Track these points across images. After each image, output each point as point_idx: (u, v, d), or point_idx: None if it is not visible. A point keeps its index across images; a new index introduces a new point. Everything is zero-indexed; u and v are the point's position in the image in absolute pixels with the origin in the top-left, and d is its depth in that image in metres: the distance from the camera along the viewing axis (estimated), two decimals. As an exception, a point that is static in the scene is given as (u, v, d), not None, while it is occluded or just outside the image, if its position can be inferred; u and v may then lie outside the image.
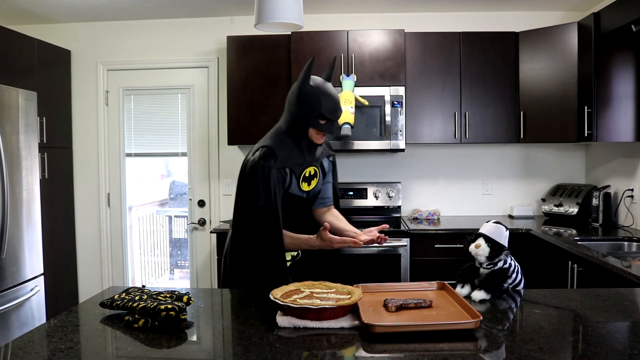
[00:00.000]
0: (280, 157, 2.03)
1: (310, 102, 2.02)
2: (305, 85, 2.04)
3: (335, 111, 2.06)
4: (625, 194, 3.45)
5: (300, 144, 2.09)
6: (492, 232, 1.73)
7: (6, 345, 1.33)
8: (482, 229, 1.76)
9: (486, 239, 1.72)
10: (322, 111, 2.02)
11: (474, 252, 1.73)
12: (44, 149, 3.70)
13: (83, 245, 4.29)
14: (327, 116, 2.03)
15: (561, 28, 3.52)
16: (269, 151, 2.03)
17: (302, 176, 2.11)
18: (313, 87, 2.03)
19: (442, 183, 4.15)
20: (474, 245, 1.73)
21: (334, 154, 2.33)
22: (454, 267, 1.91)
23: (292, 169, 2.07)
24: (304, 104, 2.03)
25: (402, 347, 1.28)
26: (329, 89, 2.06)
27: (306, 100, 2.03)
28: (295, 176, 2.09)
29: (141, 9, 3.91)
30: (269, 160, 2.00)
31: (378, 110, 3.65)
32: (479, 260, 1.73)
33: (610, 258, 2.47)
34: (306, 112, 2.03)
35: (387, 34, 3.68)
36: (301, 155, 2.10)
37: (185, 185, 4.33)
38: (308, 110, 2.03)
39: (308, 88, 2.03)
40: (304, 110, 2.03)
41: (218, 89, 4.16)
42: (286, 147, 2.07)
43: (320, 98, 2.02)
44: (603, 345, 1.28)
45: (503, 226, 1.76)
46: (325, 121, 2.05)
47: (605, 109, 3.25)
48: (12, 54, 3.46)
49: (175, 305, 1.44)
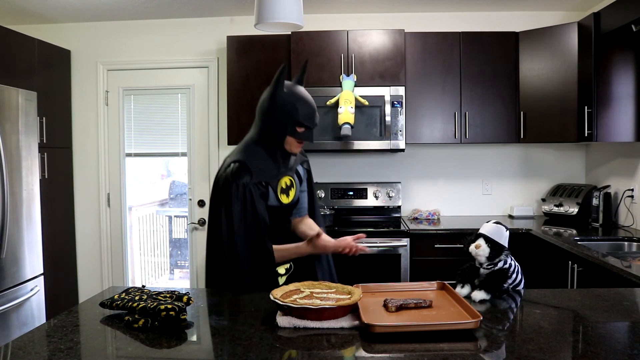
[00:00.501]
0: (254, 171, 1.91)
1: (285, 109, 1.92)
2: (278, 92, 1.93)
3: (313, 117, 1.96)
4: (626, 194, 3.45)
5: (275, 154, 1.98)
6: (492, 232, 1.73)
7: (6, 345, 1.33)
8: (482, 229, 1.76)
9: (486, 240, 1.72)
10: (299, 118, 1.92)
11: (474, 253, 1.72)
12: (44, 149, 3.70)
13: (83, 246, 4.29)
14: (304, 123, 1.93)
15: (561, 28, 3.52)
16: (241, 166, 1.90)
17: (279, 188, 2.00)
18: (287, 94, 1.93)
19: (442, 183, 4.15)
20: (474, 245, 1.73)
21: (307, 159, 2.22)
22: (454, 267, 1.91)
23: (269, 182, 1.96)
24: (278, 111, 1.92)
25: (402, 347, 1.28)
26: (303, 94, 1.96)
27: (281, 107, 1.92)
28: (272, 189, 1.97)
29: (141, 9, 3.91)
30: (244, 177, 1.88)
31: (378, 110, 3.65)
32: (479, 260, 1.73)
33: (610, 258, 2.47)
34: (282, 120, 1.92)
35: (387, 34, 3.68)
36: (276, 167, 1.99)
37: (185, 185, 4.33)
38: (284, 118, 1.92)
39: (282, 94, 1.93)
40: (279, 118, 1.93)
41: (218, 89, 4.16)
42: (259, 159, 1.95)
43: (296, 104, 1.92)
44: (603, 345, 1.28)
45: (503, 226, 1.76)
46: (304, 129, 1.95)
47: (605, 109, 3.25)
48: (12, 54, 3.46)
49: (175, 305, 1.44)
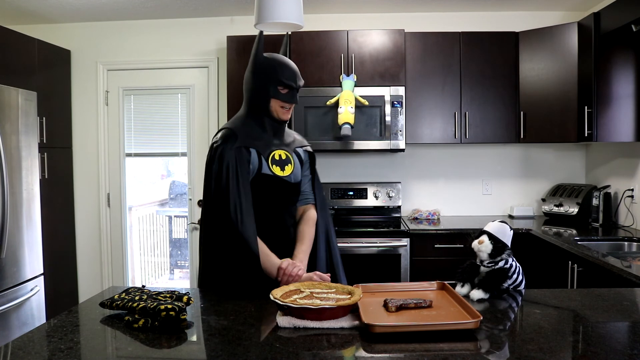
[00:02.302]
0: (241, 136, 1.93)
1: (266, 71, 1.94)
2: (259, 58, 1.96)
3: (295, 77, 1.96)
4: (626, 194, 3.45)
5: (263, 123, 1.99)
6: (497, 230, 1.73)
7: (6, 345, 1.33)
8: (486, 227, 1.76)
9: (490, 237, 1.72)
10: (279, 77, 1.93)
11: (477, 248, 1.72)
12: (44, 149, 3.70)
13: (83, 246, 4.29)
14: (286, 82, 1.94)
15: (561, 28, 3.52)
16: (228, 132, 1.94)
17: (271, 158, 1.98)
18: (267, 58, 1.96)
19: (442, 183, 4.15)
20: (477, 241, 1.73)
21: (309, 145, 2.19)
22: (454, 267, 1.91)
23: (258, 150, 1.95)
24: (260, 75, 1.95)
25: (402, 347, 1.28)
26: (283, 58, 1.99)
27: (262, 71, 1.94)
28: (264, 157, 1.96)
29: (141, 9, 3.91)
30: (228, 141, 1.91)
31: (378, 110, 3.65)
32: (481, 257, 1.73)
33: (610, 258, 2.46)
34: (264, 82, 1.94)
35: (387, 34, 3.68)
36: (267, 137, 2.00)
37: (185, 185, 4.33)
38: (266, 80, 1.94)
39: (262, 59, 1.96)
40: (261, 81, 1.95)
41: (218, 89, 4.16)
42: (248, 128, 1.97)
43: (276, 67, 1.94)
44: (603, 345, 1.28)
45: (508, 226, 1.76)
46: (287, 90, 1.96)
47: (605, 109, 3.25)
48: (12, 54, 3.46)
49: (175, 305, 1.43)
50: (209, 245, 1.94)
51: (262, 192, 1.96)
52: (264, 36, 1.97)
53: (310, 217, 2.11)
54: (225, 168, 1.86)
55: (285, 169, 2.01)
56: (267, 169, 1.96)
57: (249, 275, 1.83)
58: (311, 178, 2.17)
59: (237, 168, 1.87)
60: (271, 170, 1.97)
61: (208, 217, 1.94)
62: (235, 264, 1.85)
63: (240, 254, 1.84)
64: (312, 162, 2.17)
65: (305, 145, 2.16)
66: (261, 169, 1.95)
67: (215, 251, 1.91)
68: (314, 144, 3.56)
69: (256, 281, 1.83)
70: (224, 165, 1.87)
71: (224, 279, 1.89)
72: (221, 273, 1.90)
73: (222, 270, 1.89)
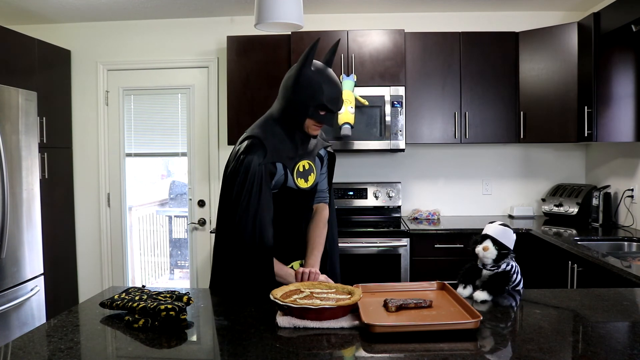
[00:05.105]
0: (270, 150, 1.82)
1: (310, 89, 1.80)
2: (306, 70, 1.81)
3: (337, 101, 1.85)
4: (625, 194, 3.45)
5: (294, 135, 1.89)
6: (500, 235, 1.71)
7: (6, 345, 1.33)
8: (488, 231, 1.73)
9: (494, 242, 1.70)
10: (323, 101, 1.81)
11: (482, 255, 1.71)
12: (44, 149, 3.70)
13: (83, 246, 4.29)
14: (328, 107, 1.82)
15: (561, 28, 3.52)
16: (255, 142, 1.82)
17: (296, 171, 1.92)
18: (314, 72, 1.81)
19: (442, 183, 4.15)
20: (482, 247, 1.71)
21: (329, 144, 2.12)
22: (454, 267, 1.91)
23: (284, 164, 1.87)
24: (303, 90, 1.81)
25: (402, 347, 1.28)
26: (331, 76, 1.85)
27: (306, 86, 1.80)
28: (289, 170, 1.90)
29: (141, 9, 3.91)
30: (256, 153, 1.80)
31: (378, 110, 3.65)
32: (485, 262, 1.72)
33: (610, 258, 2.46)
34: (305, 100, 1.81)
35: (387, 34, 3.68)
36: (293, 148, 1.90)
37: (185, 185, 4.33)
38: (307, 98, 1.81)
39: (309, 73, 1.81)
40: (302, 98, 1.82)
41: (218, 89, 4.16)
42: (277, 138, 1.86)
43: (322, 85, 1.80)
44: (603, 345, 1.28)
45: (510, 229, 1.74)
46: (326, 112, 1.85)
47: (605, 109, 3.25)
48: (12, 54, 3.46)
49: (175, 305, 1.43)
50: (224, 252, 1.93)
51: (283, 202, 1.94)
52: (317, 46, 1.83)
53: (323, 217, 2.10)
54: (250, 183, 1.79)
55: (309, 179, 1.98)
56: (292, 182, 1.93)
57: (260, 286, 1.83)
58: (328, 175, 2.16)
59: (261, 185, 1.81)
60: (296, 183, 1.94)
61: (226, 226, 1.89)
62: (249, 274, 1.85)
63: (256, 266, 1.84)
64: (332, 161, 2.15)
65: (327, 145, 2.11)
66: (286, 182, 1.91)
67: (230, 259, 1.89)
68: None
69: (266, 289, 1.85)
70: (248, 181, 1.79)
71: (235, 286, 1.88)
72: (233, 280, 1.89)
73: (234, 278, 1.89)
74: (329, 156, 2.14)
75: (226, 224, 1.88)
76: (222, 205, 1.92)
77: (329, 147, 2.12)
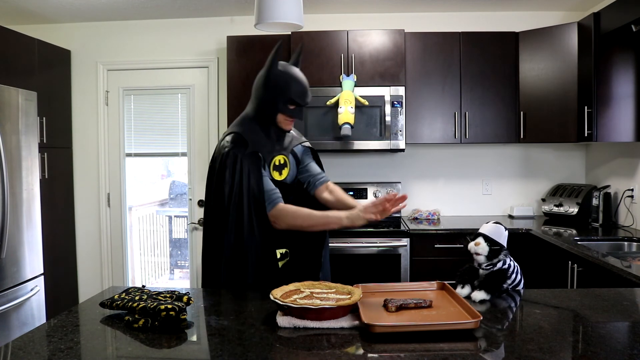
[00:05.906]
0: (250, 142, 1.97)
1: (278, 86, 1.98)
2: (273, 70, 1.99)
3: (305, 95, 2.02)
4: (625, 194, 3.45)
5: (269, 131, 2.05)
6: (492, 231, 1.74)
7: (6, 345, 1.33)
8: (481, 229, 1.77)
9: (485, 239, 1.73)
10: (291, 95, 1.98)
11: (474, 250, 1.73)
12: (44, 149, 3.70)
13: (83, 245, 4.29)
14: (296, 101, 1.99)
15: (561, 28, 3.52)
16: (237, 137, 1.97)
17: (273, 164, 2.06)
18: (281, 72, 1.99)
19: (442, 183, 4.15)
20: (474, 243, 1.73)
21: (305, 140, 2.26)
22: (454, 267, 1.91)
23: (263, 157, 2.01)
24: (272, 88, 1.99)
25: (402, 347, 1.28)
26: (297, 74, 2.02)
27: (274, 85, 1.99)
28: (267, 164, 2.03)
29: (141, 9, 3.91)
30: (239, 147, 1.94)
31: (378, 110, 3.65)
32: (479, 260, 1.73)
33: (610, 258, 2.47)
34: (275, 96, 1.99)
35: (387, 34, 3.68)
36: (270, 143, 2.05)
37: (185, 185, 4.33)
38: (276, 95, 1.99)
39: (276, 72, 1.99)
40: (272, 95, 1.99)
41: (218, 89, 4.16)
42: (254, 133, 2.01)
43: (289, 82, 1.98)
44: (603, 345, 1.28)
45: (502, 226, 1.77)
46: (294, 106, 2.01)
47: (605, 109, 3.25)
48: (12, 54, 3.46)
49: (175, 305, 1.44)
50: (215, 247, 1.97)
51: None
52: (282, 48, 2.02)
53: (336, 187, 2.23)
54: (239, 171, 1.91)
55: (283, 172, 2.11)
56: (269, 175, 2.04)
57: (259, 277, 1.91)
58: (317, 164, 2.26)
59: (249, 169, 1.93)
60: (271, 175, 2.05)
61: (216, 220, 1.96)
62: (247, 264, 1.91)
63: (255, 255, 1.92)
64: (313, 152, 2.27)
65: (303, 141, 2.23)
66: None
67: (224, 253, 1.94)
68: (314, 144, 3.55)
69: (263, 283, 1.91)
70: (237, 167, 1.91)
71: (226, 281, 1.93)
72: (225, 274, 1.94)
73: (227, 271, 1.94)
74: (310, 150, 2.26)
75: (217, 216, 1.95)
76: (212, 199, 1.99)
77: (305, 143, 2.25)
